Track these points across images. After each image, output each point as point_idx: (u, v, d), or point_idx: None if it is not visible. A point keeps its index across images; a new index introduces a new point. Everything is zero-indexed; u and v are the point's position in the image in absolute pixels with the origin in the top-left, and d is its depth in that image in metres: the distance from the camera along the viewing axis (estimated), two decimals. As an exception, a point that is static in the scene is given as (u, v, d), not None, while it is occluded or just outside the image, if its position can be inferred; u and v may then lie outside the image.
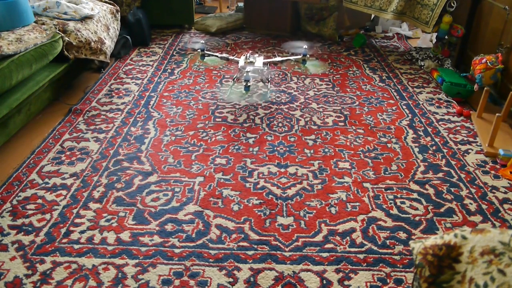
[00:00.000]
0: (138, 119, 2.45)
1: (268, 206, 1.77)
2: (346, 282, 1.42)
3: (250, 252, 1.54)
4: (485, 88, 2.44)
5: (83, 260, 1.49)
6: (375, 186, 1.91)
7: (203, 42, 3.09)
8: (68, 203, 1.77)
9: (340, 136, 2.31)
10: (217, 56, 3.00)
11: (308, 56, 3.02)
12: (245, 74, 2.60)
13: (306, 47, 3.00)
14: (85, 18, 2.76)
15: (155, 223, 1.66)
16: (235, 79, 2.82)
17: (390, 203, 1.80)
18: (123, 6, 3.72)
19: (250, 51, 3.09)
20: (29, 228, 1.62)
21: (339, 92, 2.84)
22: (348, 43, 3.83)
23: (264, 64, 2.78)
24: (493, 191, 1.89)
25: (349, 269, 1.47)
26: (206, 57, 3.00)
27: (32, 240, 1.57)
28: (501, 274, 0.80)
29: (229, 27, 4.10)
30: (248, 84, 2.59)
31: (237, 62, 2.82)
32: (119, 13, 3.23)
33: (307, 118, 2.49)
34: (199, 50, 3.00)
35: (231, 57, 2.96)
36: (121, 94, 2.75)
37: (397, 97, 2.80)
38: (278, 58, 3.10)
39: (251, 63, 2.72)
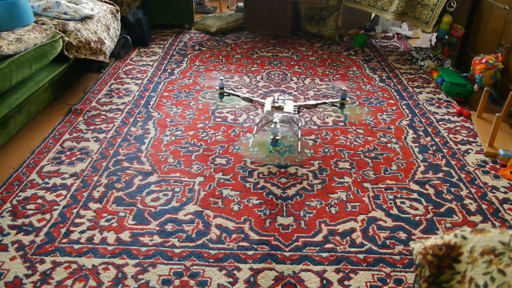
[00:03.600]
0: (138, 119, 2.45)
1: (268, 206, 1.77)
2: (346, 282, 1.42)
3: (250, 252, 1.54)
4: (485, 88, 2.44)
5: (83, 260, 1.49)
6: (375, 186, 1.91)
7: (222, 78, 2.53)
8: (68, 203, 1.77)
9: (340, 136, 2.31)
10: (238, 96, 2.52)
11: (347, 99, 2.51)
12: (272, 126, 2.10)
13: (346, 88, 2.49)
14: (85, 18, 2.76)
15: (155, 223, 1.66)
16: (258, 127, 2.30)
17: (390, 203, 1.80)
18: (123, 6, 3.72)
19: (278, 93, 2.63)
20: (29, 228, 1.62)
21: (339, 92, 2.84)
22: (348, 43, 3.83)
23: (295, 108, 2.30)
24: (493, 191, 1.89)
25: (349, 269, 1.47)
26: (225, 96, 2.55)
27: (32, 240, 1.57)
28: (501, 274, 0.80)
29: (229, 27, 4.10)
30: (276, 138, 2.09)
31: (263, 105, 2.35)
32: (119, 13, 3.23)
33: (307, 118, 2.49)
34: (217, 88, 2.54)
35: (255, 99, 2.49)
36: (121, 94, 2.75)
37: (397, 97, 2.80)
38: (312, 102, 2.57)
39: (279, 108, 2.20)
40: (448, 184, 1.93)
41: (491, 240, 0.86)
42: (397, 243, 1.59)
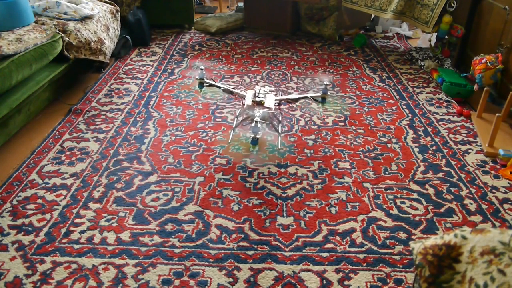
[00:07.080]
0: (138, 119, 2.45)
1: (268, 206, 1.77)
2: (346, 282, 1.42)
3: (250, 252, 1.53)
4: (485, 88, 2.44)
5: (83, 260, 1.49)
6: (375, 186, 1.91)
7: (203, 68, 2.38)
8: (68, 203, 1.77)
9: (340, 136, 2.31)
10: (218, 87, 2.36)
11: (328, 93, 2.40)
12: (253, 124, 1.94)
13: (328, 82, 2.37)
14: (85, 18, 2.76)
15: (155, 223, 1.66)
16: (238, 122, 2.15)
17: (390, 203, 1.80)
18: (123, 6, 3.72)
19: (260, 84, 2.51)
20: (29, 228, 1.62)
21: (339, 92, 2.84)
22: (348, 43, 3.83)
23: (276, 102, 2.16)
24: (493, 191, 1.89)
25: (349, 269, 1.47)
26: (205, 87, 2.41)
27: (32, 240, 1.57)
28: (501, 274, 0.80)
29: (229, 27, 4.10)
30: (257, 136, 1.96)
31: (243, 98, 2.19)
32: (119, 13, 3.23)
33: (307, 118, 2.49)
34: (197, 78, 2.38)
35: (235, 91, 2.33)
36: (121, 94, 2.75)
37: (397, 97, 2.80)
38: (294, 96, 2.45)
39: (260, 103, 2.05)
40: (448, 184, 1.93)
41: (491, 240, 0.86)
42: (397, 243, 1.59)
